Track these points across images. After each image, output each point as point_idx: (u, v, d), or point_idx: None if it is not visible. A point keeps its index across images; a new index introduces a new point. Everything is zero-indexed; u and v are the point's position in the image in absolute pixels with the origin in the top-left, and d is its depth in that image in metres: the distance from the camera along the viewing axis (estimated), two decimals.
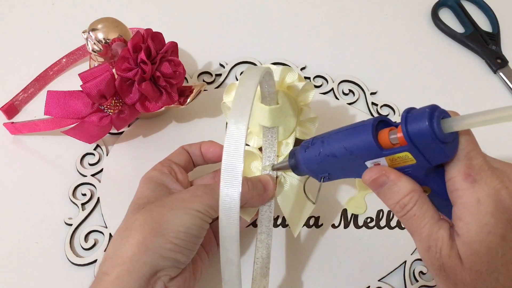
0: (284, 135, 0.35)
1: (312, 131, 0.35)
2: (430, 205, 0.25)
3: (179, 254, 0.29)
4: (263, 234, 0.34)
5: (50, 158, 0.42)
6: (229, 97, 0.36)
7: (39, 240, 0.37)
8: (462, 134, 0.24)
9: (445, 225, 0.24)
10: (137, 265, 0.28)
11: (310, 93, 0.34)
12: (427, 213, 0.25)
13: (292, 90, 0.33)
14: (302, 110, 0.35)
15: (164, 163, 0.34)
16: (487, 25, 0.55)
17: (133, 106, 0.39)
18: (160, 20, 0.52)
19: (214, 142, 0.36)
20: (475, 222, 0.23)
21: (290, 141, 0.35)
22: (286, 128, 0.35)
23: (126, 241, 0.28)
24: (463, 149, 0.24)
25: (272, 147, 0.34)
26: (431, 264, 0.24)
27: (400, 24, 0.54)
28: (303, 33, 0.52)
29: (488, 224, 0.23)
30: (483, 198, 0.23)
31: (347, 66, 0.50)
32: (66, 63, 0.46)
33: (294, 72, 0.34)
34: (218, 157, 0.35)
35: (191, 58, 0.48)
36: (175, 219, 0.29)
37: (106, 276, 0.28)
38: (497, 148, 0.46)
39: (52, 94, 0.37)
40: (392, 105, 0.47)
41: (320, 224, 0.39)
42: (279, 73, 0.33)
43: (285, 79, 0.33)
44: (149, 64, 0.37)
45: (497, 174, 0.24)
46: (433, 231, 0.24)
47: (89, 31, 0.39)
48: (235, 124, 0.22)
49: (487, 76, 0.51)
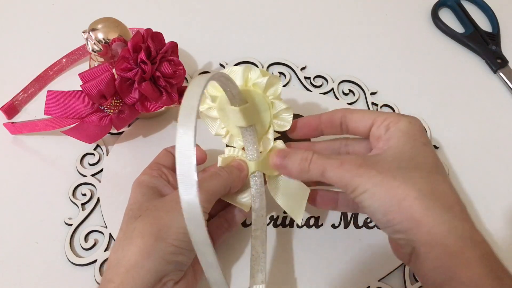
0: (263, 131, 0.36)
1: (289, 121, 0.35)
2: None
3: (181, 256, 0.29)
4: (257, 231, 0.34)
5: (50, 158, 0.42)
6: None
7: (39, 240, 0.37)
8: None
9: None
10: (142, 272, 0.28)
11: (276, 86, 0.34)
12: (325, 155, 0.31)
13: (257, 87, 0.34)
14: (274, 104, 0.35)
15: (153, 166, 0.35)
16: (487, 25, 0.55)
17: (133, 106, 0.39)
18: (160, 20, 0.52)
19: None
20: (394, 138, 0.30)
21: (270, 136, 0.35)
22: (263, 124, 0.35)
23: (128, 249, 0.28)
24: None
25: (253, 145, 0.35)
26: (350, 169, 0.29)
27: (400, 24, 0.54)
28: (303, 33, 0.52)
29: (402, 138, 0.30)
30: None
31: (347, 66, 0.50)
32: (66, 63, 0.46)
33: (256, 69, 0.34)
34: (199, 160, 0.35)
35: (191, 58, 0.48)
36: (173, 221, 0.29)
37: (110, 283, 0.28)
38: (496, 149, 0.46)
39: (52, 94, 0.37)
40: (392, 105, 0.47)
41: (320, 224, 0.39)
42: (241, 73, 0.33)
43: (249, 77, 0.34)
44: (149, 64, 0.37)
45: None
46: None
47: (89, 31, 0.39)
48: (182, 136, 0.23)
49: (487, 76, 0.51)
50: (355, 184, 0.28)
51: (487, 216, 0.42)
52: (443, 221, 0.26)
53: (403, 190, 0.27)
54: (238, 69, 0.33)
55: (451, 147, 0.45)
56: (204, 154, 0.36)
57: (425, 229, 0.26)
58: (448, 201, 0.27)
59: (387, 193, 0.27)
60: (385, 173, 0.28)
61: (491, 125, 0.47)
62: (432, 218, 0.26)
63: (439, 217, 0.26)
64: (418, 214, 0.26)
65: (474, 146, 0.46)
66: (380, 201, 0.27)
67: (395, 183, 0.27)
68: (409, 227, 0.26)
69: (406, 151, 0.29)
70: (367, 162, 0.29)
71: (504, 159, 0.45)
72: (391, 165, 0.28)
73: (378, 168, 0.28)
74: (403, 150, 0.29)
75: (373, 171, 0.28)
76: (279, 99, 0.35)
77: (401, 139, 0.30)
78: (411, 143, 0.29)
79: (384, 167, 0.28)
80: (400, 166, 0.28)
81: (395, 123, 0.30)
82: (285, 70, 0.49)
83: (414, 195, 0.27)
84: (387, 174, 0.28)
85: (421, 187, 0.27)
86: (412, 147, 0.29)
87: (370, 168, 0.28)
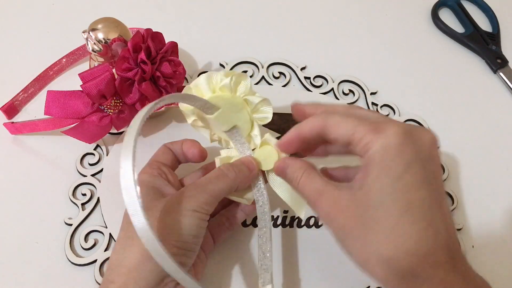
0: (247, 129, 0.35)
1: (269, 111, 0.35)
2: (317, 173, 0.30)
3: (183, 257, 0.29)
4: (262, 229, 0.34)
5: (50, 158, 0.42)
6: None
7: (39, 240, 0.37)
8: None
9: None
10: (143, 273, 0.27)
11: (244, 83, 0.34)
12: (314, 178, 0.29)
13: (225, 90, 0.34)
14: (247, 100, 0.35)
15: (153, 165, 0.34)
16: (487, 25, 0.55)
17: (133, 106, 0.39)
18: (160, 20, 0.52)
19: (194, 142, 0.35)
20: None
21: (256, 132, 0.35)
22: (245, 123, 0.35)
23: (129, 250, 0.28)
24: None
25: (243, 144, 0.35)
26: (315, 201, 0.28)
27: (400, 24, 0.54)
28: (303, 33, 0.52)
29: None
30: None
31: (347, 66, 0.50)
32: (66, 63, 0.46)
33: (217, 73, 0.34)
34: (198, 157, 0.35)
35: (191, 58, 0.48)
36: (174, 223, 0.29)
37: (112, 284, 0.28)
38: (496, 151, 0.46)
39: (52, 94, 0.37)
40: (392, 105, 0.47)
41: (320, 224, 0.39)
42: (205, 83, 0.34)
43: (213, 83, 0.34)
44: (149, 64, 0.37)
45: None
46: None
47: (89, 31, 0.39)
48: (124, 175, 0.25)
49: (487, 76, 0.51)
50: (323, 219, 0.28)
51: (487, 216, 0.42)
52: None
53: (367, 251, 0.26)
54: (201, 80, 0.34)
55: (451, 147, 0.45)
56: (204, 152, 0.35)
57: None
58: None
59: (353, 249, 0.27)
60: (347, 226, 0.26)
61: (491, 125, 0.47)
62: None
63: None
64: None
65: (474, 146, 0.46)
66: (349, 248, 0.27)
67: (357, 244, 0.26)
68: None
69: (381, 193, 0.25)
70: (337, 205, 0.27)
71: (504, 159, 0.45)
72: (361, 213, 0.26)
73: (347, 214, 0.26)
74: (378, 192, 0.25)
75: (340, 218, 0.27)
76: (252, 94, 0.35)
77: (378, 174, 0.25)
78: (389, 177, 0.25)
79: (352, 215, 0.26)
80: (369, 216, 0.25)
81: (373, 143, 0.26)
82: (285, 70, 0.49)
83: (374, 262, 0.25)
84: (351, 229, 0.26)
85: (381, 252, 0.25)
86: (389, 184, 0.25)
87: (338, 214, 0.27)
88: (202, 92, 0.34)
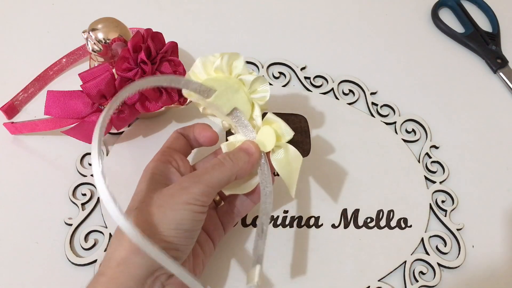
0: (248, 110, 0.34)
1: (266, 90, 0.34)
2: None
3: (173, 251, 0.29)
4: (263, 205, 0.33)
5: (50, 158, 0.42)
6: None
7: (39, 240, 0.37)
8: None
9: None
10: (132, 267, 0.28)
11: (236, 62, 0.34)
12: None
13: (220, 71, 0.33)
14: (242, 80, 0.34)
15: (165, 152, 0.34)
16: (487, 25, 0.55)
17: (133, 106, 0.39)
18: (160, 20, 0.52)
19: (206, 125, 0.35)
20: None
21: (257, 112, 0.34)
22: (244, 104, 0.34)
23: (120, 243, 0.28)
24: None
25: (246, 126, 0.34)
26: None
27: (400, 24, 0.54)
28: (303, 33, 0.52)
29: None
30: None
31: (347, 66, 0.50)
32: (66, 63, 0.46)
33: (211, 55, 0.34)
34: (210, 141, 0.35)
35: (191, 58, 0.48)
36: (164, 217, 0.29)
37: (101, 276, 0.28)
38: (495, 153, 0.46)
39: (52, 94, 0.37)
40: (392, 105, 0.47)
41: (320, 224, 0.39)
42: (200, 65, 0.33)
43: (208, 67, 0.34)
44: (149, 64, 0.37)
45: None
46: None
47: (89, 31, 0.39)
48: (96, 176, 0.26)
49: (487, 76, 0.51)
50: None
51: (487, 216, 0.42)
52: None
53: None
54: (197, 63, 0.33)
55: (451, 147, 0.45)
56: (216, 135, 0.35)
57: None
58: None
59: None
60: None
61: (491, 125, 0.47)
62: None
63: None
64: None
65: (474, 146, 0.46)
66: None
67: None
68: None
69: None
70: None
71: (504, 159, 0.45)
72: None
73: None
74: None
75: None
76: (245, 71, 0.34)
77: None
78: None
79: None
80: None
81: None
82: (285, 70, 0.49)
83: None
84: None
85: None
86: None
87: None
88: (198, 76, 0.34)
